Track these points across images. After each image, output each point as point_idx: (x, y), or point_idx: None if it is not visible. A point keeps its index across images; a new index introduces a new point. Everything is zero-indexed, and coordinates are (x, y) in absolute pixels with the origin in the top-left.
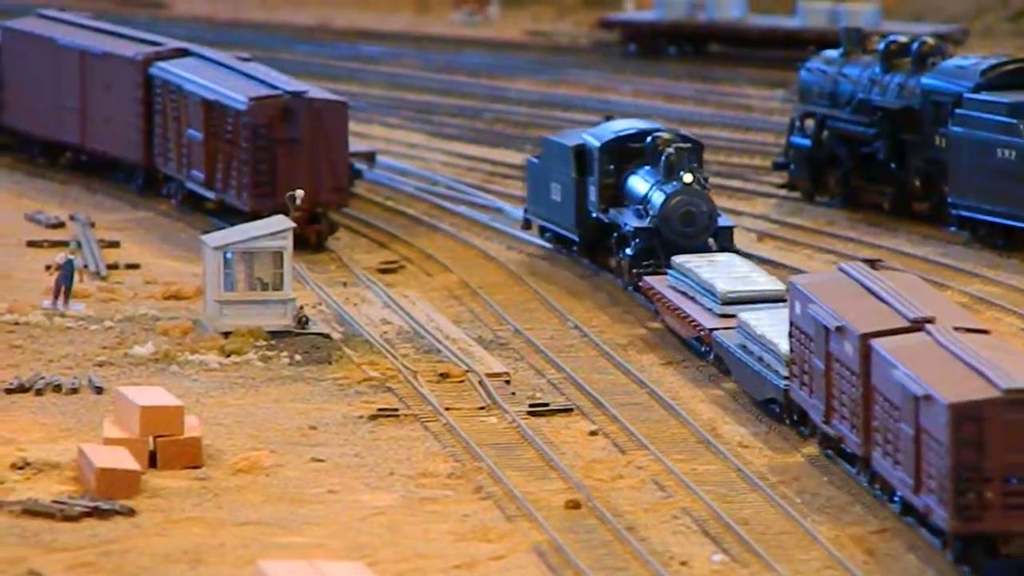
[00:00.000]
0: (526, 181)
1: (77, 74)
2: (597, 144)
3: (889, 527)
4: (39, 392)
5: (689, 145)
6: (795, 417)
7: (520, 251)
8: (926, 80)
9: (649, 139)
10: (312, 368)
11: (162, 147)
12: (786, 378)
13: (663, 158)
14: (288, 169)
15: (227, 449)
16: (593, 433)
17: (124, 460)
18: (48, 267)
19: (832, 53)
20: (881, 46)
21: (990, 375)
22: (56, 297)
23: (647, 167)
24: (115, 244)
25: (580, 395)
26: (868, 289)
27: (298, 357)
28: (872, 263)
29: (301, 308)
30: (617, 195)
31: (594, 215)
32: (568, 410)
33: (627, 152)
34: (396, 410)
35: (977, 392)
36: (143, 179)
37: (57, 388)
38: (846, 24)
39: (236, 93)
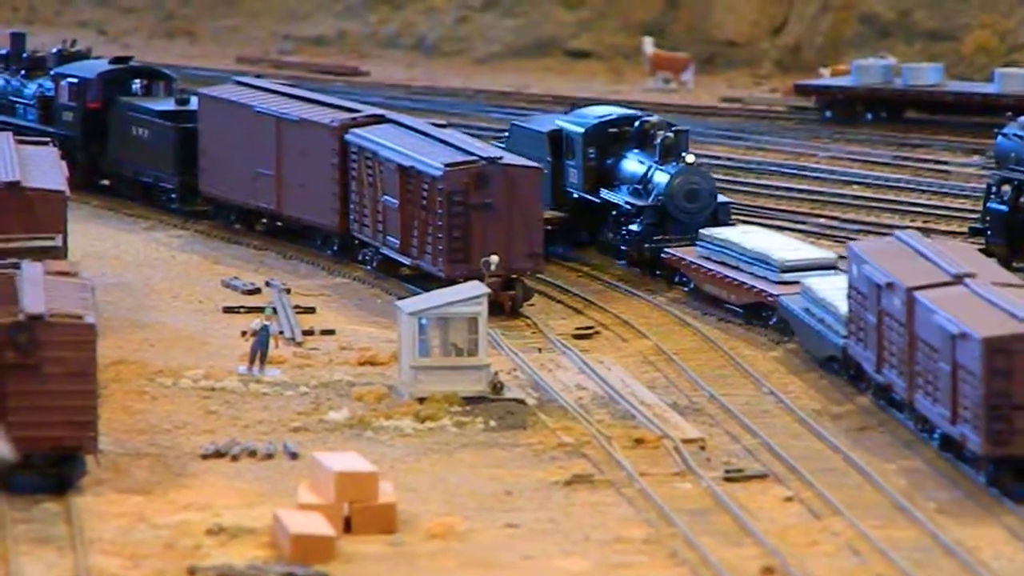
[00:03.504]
0: None
1: (273, 141)
2: (580, 130)
3: None
4: (235, 458)
5: (686, 129)
6: (852, 372)
7: (715, 316)
8: None
9: (637, 124)
10: (507, 433)
11: (358, 213)
12: (844, 336)
13: (659, 141)
14: (482, 235)
15: (421, 514)
16: (788, 499)
17: (319, 525)
18: (244, 333)
19: None
20: None
21: (1020, 314)
22: (252, 363)
23: (636, 150)
24: (311, 310)
25: (775, 461)
26: (918, 252)
27: (493, 423)
28: (925, 231)
29: (496, 374)
30: (603, 176)
31: (575, 195)
32: (763, 476)
33: (608, 136)
34: (591, 476)
35: (1007, 328)
36: (338, 245)
37: (252, 454)
38: None
39: (431, 159)
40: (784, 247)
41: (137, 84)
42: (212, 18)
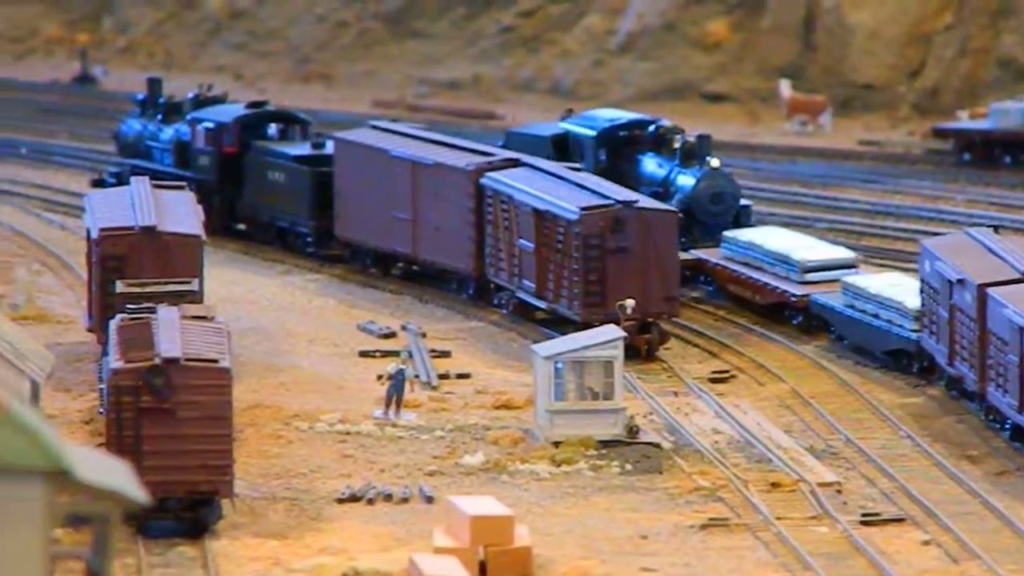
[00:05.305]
0: None
1: (409, 185)
2: (592, 132)
3: None
4: (370, 501)
5: (708, 134)
6: (924, 364)
7: (853, 360)
8: None
9: (652, 128)
10: (642, 477)
11: (493, 257)
12: (916, 330)
13: (680, 144)
14: (618, 279)
15: (557, 559)
16: (926, 543)
17: (454, 570)
18: (379, 377)
19: None
20: None
21: None
22: (387, 407)
23: (651, 153)
24: (446, 354)
25: (912, 505)
26: (988, 249)
27: (628, 466)
28: (995, 228)
29: (631, 417)
30: (614, 180)
31: None
32: (900, 520)
33: (619, 140)
34: (727, 519)
35: None
36: (474, 289)
37: (388, 497)
38: None
39: (567, 203)
40: (805, 247)
41: (273, 128)
42: (348, 62)
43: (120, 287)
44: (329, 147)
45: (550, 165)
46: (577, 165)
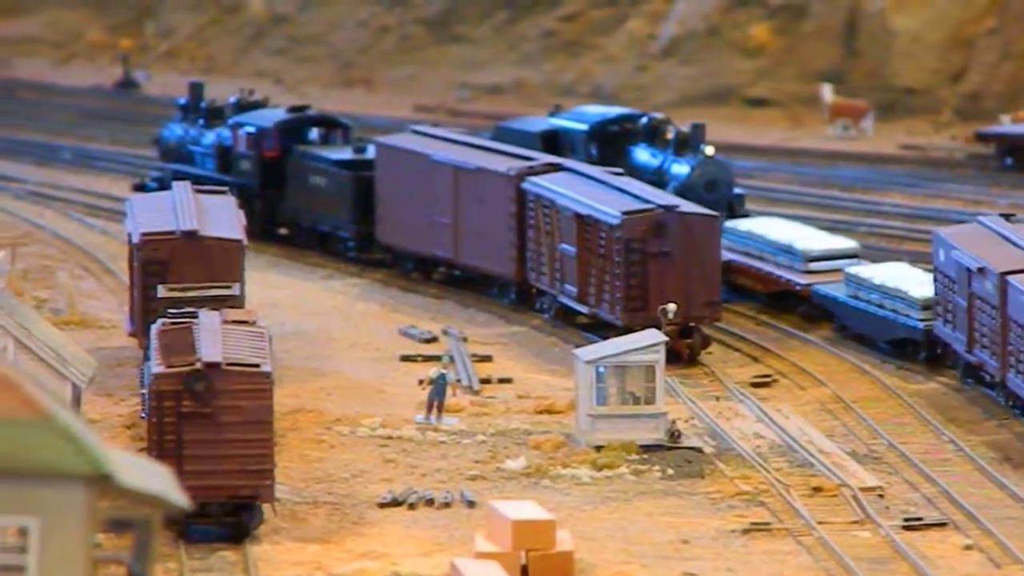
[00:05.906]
0: None
1: (450, 189)
2: (583, 127)
3: None
4: (412, 506)
5: (703, 124)
6: (936, 352)
7: (895, 365)
8: None
9: (645, 120)
10: (684, 482)
11: (535, 261)
12: (925, 319)
13: (675, 134)
14: (660, 283)
15: (598, 563)
16: (968, 547)
17: (496, 574)
18: (421, 381)
19: None
20: None
21: None
22: (429, 411)
23: (644, 144)
24: (488, 358)
25: (954, 509)
26: (1004, 237)
27: (670, 471)
28: (1007, 216)
29: (673, 422)
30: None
31: None
32: (942, 524)
33: (610, 134)
34: (769, 524)
35: None
36: (516, 294)
37: (430, 502)
38: None
39: (609, 207)
40: (808, 237)
41: (314, 133)
42: (389, 67)
43: (162, 292)
44: (370, 152)
45: (592, 169)
46: (619, 169)
